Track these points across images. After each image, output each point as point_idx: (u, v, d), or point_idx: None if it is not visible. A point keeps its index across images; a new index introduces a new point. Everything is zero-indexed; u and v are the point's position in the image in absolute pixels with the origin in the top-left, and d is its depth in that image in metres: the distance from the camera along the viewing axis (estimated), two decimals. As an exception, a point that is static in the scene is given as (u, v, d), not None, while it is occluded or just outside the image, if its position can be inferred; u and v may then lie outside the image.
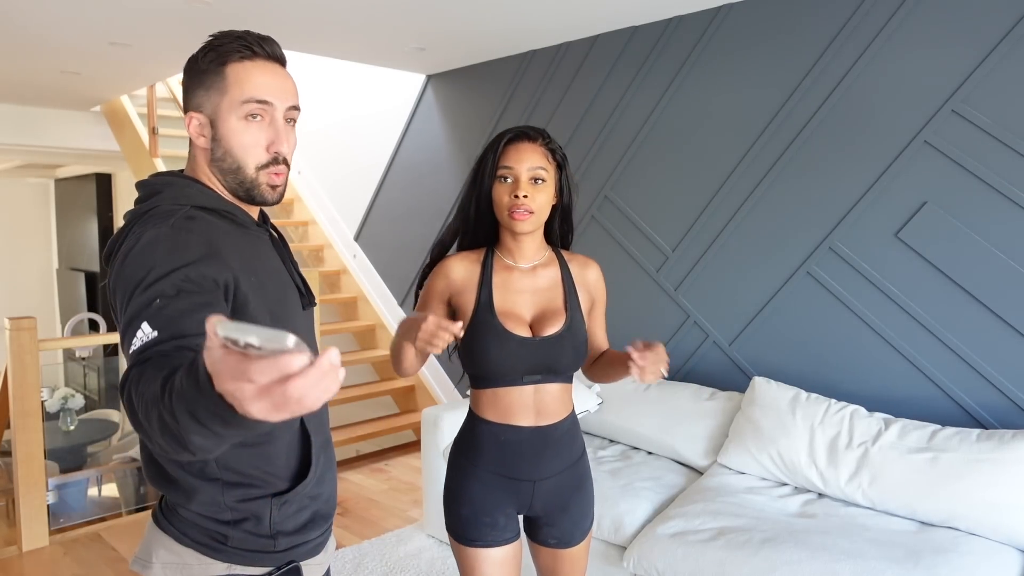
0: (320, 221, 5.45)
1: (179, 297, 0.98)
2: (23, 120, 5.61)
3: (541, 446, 1.53)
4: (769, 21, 2.93)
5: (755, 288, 3.03)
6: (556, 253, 1.62)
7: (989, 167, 2.43)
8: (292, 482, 1.18)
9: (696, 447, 2.83)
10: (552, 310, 1.55)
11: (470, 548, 1.54)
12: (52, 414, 4.55)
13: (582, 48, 3.62)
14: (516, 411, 1.52)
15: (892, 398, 2.67)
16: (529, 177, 1.49)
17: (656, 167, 3.36)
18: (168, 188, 1.12)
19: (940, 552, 2.04)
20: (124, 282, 1.01)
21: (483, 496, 1.54)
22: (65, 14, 3.16)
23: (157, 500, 1.22)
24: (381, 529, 3.35)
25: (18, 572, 3.01)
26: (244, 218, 1.17)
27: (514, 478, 1.53)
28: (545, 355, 1.51)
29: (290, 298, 1.21)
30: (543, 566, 1.65)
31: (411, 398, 4.86)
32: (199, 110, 1.13)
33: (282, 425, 1.15)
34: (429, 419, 3.13)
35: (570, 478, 1.58)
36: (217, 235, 1.10)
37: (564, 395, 1.57)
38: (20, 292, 9.23)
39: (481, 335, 1.50)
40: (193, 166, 1.18)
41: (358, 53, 3.92)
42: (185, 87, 1.16)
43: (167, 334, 0.94)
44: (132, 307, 0.98)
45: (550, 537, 1.61)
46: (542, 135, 1.53)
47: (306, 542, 1.21)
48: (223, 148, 1.13)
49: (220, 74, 1.11)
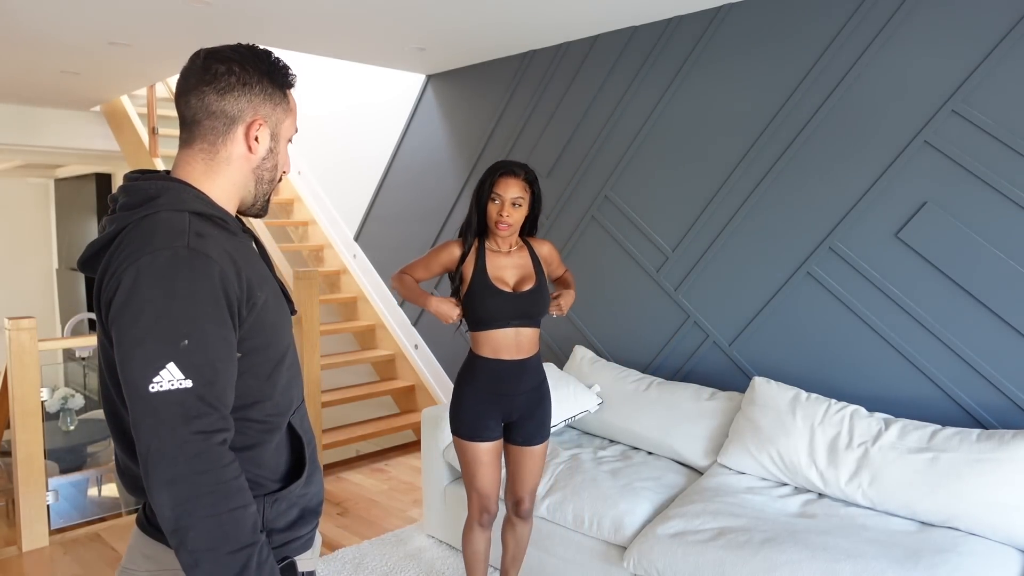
0: (320, 221, 5.45)
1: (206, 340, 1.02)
2: (23, 120, 5.61)
3: (519, 372, 2.26)
4: (769, 21, 2.93)
5: (755, 288, 3.03)
6: (525, 241, 2.36)
7: (989, 167, 2.43)
8: (283, 482, 1.19)
9: (696, 447, 2.83)
10: (526, 275, 2.27)
11: (470, 443, 2.26)
12: (52, 414, 4.55)
13: (582, 48, 3.62)
14: (503, 348, 2.25)
15: (892, 398, 2.68)
16: (511, 202, 2.20)
17: (656, 167, 3.36)
18: (165, 193, 1.10)
19: (940, 552, 2.04)
20: (139, 304, 1.00)
21: (480, 407, 2.26)
22: (65, 14, 3.16)
23: (140, 507, 1.21)
24: (381, 529, 3.35)
25: (18, 572, 3.01)
26: (234, 225, 1.17)
27: (501, 395, 2.26)
28: (523, 304, 2.23)
29: (282, 304, 1.22)
30: (511, 460, 2.37)
31: (411, 398, 4.86)
32: (266, 120, 1.17)
33: (271, 430, 1.17)
34: (429, 419, 3.13)
35: (536, 395, 2.33)
36: (228, 247, 1.10)
37: (535, 337, 2.30)
38: (20, 292, 9.23)
39: (480, 291, 2.21)
40: (189, 169, 1.15)
41: (358, 53, 3.92)
42: (244, 92, 1.14)
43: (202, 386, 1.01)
44: (152, 339, 0.99)
45: (519, 437, 2.33)
46: (524, 170, 2.23)
47: (297, 538, 1.22)
48: (273, 161, 1.21)
49: (285, 96, 1.20)
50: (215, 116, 1.14)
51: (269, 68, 1.16)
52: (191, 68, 1.15)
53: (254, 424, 1.14)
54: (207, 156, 1.15)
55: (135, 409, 1.00)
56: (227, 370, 1.05)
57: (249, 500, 1.04)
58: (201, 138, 1.15)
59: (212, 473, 1.00)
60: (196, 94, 1.13)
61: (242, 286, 1.09)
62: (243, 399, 1.11)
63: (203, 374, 1.01)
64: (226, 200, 1.17)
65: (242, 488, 1.03)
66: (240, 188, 1.18)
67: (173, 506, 0.98)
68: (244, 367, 1.11)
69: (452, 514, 3.05)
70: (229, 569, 0.99)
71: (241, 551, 1.01)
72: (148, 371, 0.99)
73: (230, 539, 1.00)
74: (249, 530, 1.02)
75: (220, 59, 1.13)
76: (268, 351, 1.15)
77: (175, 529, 0.98)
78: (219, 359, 1.04)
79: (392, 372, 4.98)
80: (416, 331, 4.77)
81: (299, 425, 1.23)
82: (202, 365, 1.01)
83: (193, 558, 0.99)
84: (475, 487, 2.31)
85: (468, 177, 4.28)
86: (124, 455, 1.15)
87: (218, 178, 1.16)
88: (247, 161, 1.17)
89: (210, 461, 1.00)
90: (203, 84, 1.13)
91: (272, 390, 1.16)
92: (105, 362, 1.11)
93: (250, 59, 1.15)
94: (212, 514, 0.99)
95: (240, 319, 1.09)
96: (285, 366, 1.19)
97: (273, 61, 1.17)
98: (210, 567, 0.99)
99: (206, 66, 1.13)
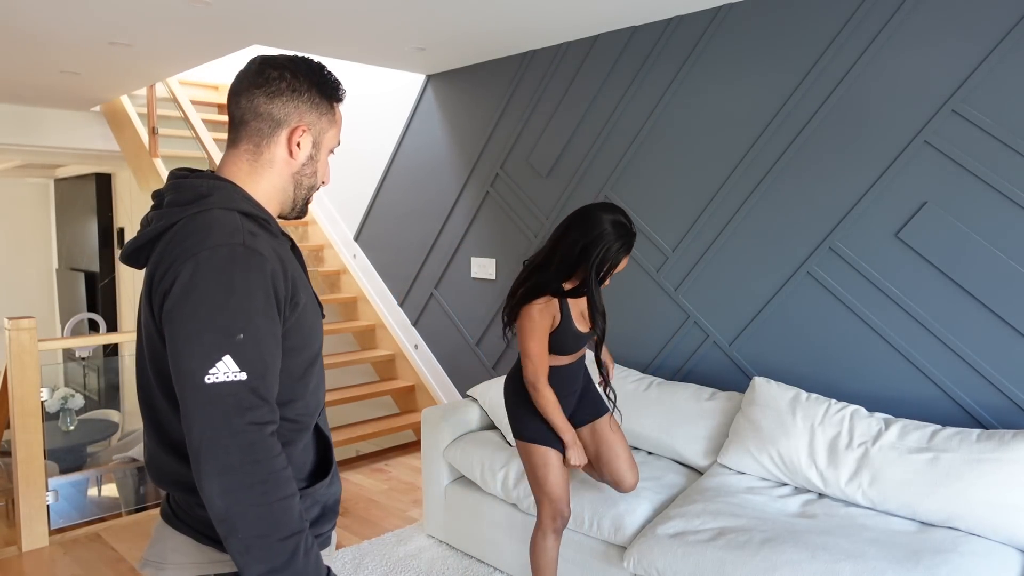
0: (320, 221, 5.46)
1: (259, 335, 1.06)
2: (23, 120, 5.61)
3: (577, 370, 2.42)
4: (769, 21, 2.93)
5: (755, 288, 3.03)
6: None
7: (989, 167, 2.43)
8: (308, 480, 1.23)
9: (696, 447, 2.83)
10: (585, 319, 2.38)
11: (543, 446, 2.30)
12: (52, 414, 4.55)
13: (582, 48, 3.62)
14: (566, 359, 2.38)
15: (892, 398, 2.68)
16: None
17: (656, 167, 3.36)
18: (217, 192, 1.14)
19: (940, 552, 2.04)
20: (199, 297, 1.04)
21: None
22: (65, 14, 3.17)
23: (164, 500, 1.23)
24: (381, 529, 3.35)
25: (18, 572, 3.01)
26: (276, 228, 1.20)
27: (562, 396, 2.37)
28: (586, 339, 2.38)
29: (316, 307, 1.25)
30: (589, 441, 2.48)
31: (411, 398, 4.86)
32: (310, 128, 1.21)
33: (301, 430, 1.20)
34: (429, 419, 3.13)
35: (583, 381, 2.49)
36: (274, 247, 1.14)
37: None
38: (20, 292, 9.23)
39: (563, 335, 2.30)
40: (235, 169, 1.19)
41: (358, 53, 3.92)
42: (292, 98, 1.18)
43: (255, 379, 1.05)
44: (210, 332, 1.03)
45: (585, 416, 2.47)
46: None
47: (319, 535, 1.25)
48: (314, 168, 1.24)
49: (331, 108, 1.24)
50: (262, 118, 1.18)
51: (320, 79, 1.21)
52: (246, 71, 1.20)
53: (286, 423, 1.17)
54: (252, 157, 1.20)
55: (189, 399, 1.02)
56: (276, 365, 1.09)
57: (295, 490, 1.07)
58: (247, 139, 1.19)
59: (265, 463, 1.03)
60: (247, 95, 1.18)
61: (287, 286, 1.13)
62: (278, 398, 1.14)
63: (256, 368, 1.05)
64: (267, 202, 1.21)
65: (290, 478, 1.07)
66: (280, 192, 1.23)
67: (224, 494, 1.01)
68: (281, 366, 1.14)
69: (452, 514, 3.06)
70: (280, 556, 1.03)
71: (291, 538, 1.04)
72: (205, 363, 1.02)
73: (280, 527, 1.03)
74: (297, 518, 1.06)
75: (274, 65, 1.19)
76: (304, 352, 1.18)
77: (225, 517, 1.01)
78: (269, 354, 1.08)
79: (392, 372, 4.98)
80: (416, 331, 4.77)
81: (323, 426, 1.28)
82: (255, 359, 1.05)
83: (244, 545, 1.02)
84: (546, 492, 2.30)
85: (468, 177, 4.28)
86: (156, 447, 1.17)
87: (261, 180, 1.20)
88: (288, 165, 1.21)
89: (263, 451, 1.04)
90: (254, 87, 1.18)
91: (304, 390, 1.19)
92: (151, 353, 1.13)
93: (303, 68, 1.20)
94: (264, 503, 1.02)
95: (284, 318, 1.12)
96: (316, 368, 1.23)
97: (325, 74, 1.22)
98: (262, 553, 1.02)
99: (260, 70, 1.18)
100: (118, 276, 8.71)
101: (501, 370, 4.20)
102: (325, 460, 1.27)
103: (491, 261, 4.19)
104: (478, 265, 4.27)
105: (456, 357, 4.50)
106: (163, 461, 1.15)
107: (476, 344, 4.34)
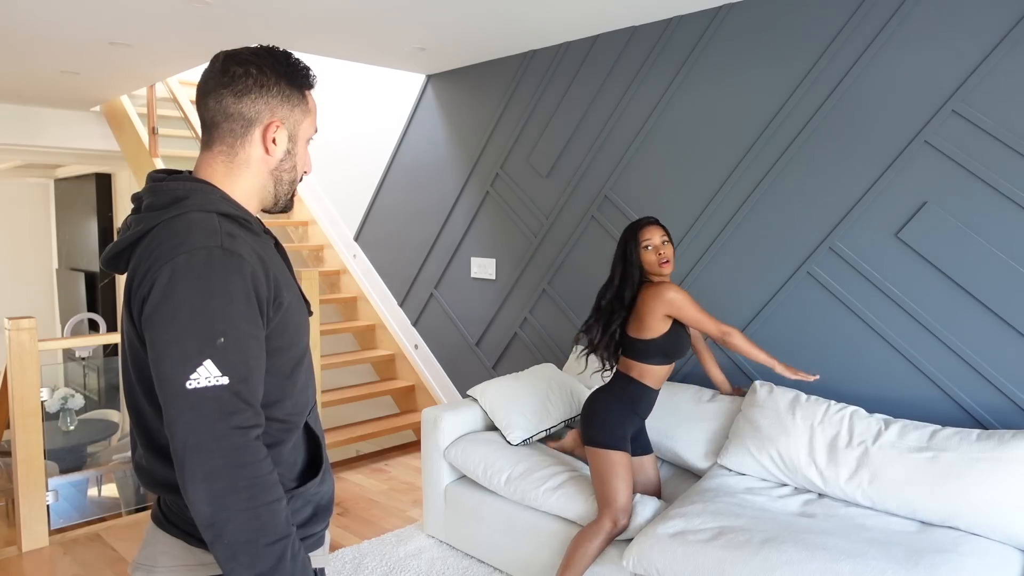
0: (320, 221, 5.45)
1: (241, 339, 1.05)
2: (23, 120, 5.61)
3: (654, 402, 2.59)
4: (769, 21, 2.93)
5: (755, 288, 3.03)
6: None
7: (989, 167, 2.43)
8: (299, 480, 1.21)
9: (697, 450, 2.83)
10: None
11: (619, 452, 2.45)
12: (52, 414, 4.55)
13: (582, 48, 3.62)
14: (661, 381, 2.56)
15: (892, 398, 2.68)
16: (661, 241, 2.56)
17: (656, 167, 3.36)
18: (194, 194, 1.11)
19: (940, 552, 2.04)
20: (177, 302, 1.02)
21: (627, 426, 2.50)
22: (65, 14, 3.17)
23: (155, 503, 1.22)
24: (381, 529, 3.35)
25: (18, 572, 3.01)
26: (257, 226, 1.18)
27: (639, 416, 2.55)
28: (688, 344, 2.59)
29: (302, 305, 1.23)
30: (637, 468, 2.67)
31: (411, 398, 4.86)
32: (284, 122, 1.18)
33: (290, 429, 1.19)
34: (429, 419, 3.13)
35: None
36: (255, 247, 1.12)
37: None
38: (20, 292, 9.23)
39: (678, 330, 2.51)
40: (210, 171, 1.17)
41: (358, 53, 3.92)
42: (261, 94, 1.15)
43: (238, 383, 1.03)
44: (189, 337, 1.01)
45: (637, 449, 2.67)
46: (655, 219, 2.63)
47: (311, 535, 1.24)
48: (292, 162, 1.22)
49: (303, 97, 1.20)
50: (233, 118, 1.15)
51: (287, 69, 1.17)
52: (211, 71, 1.16)
53: (275, 423, 1.15)
54: (227, 158, 1.17)
55: (171, 405, 1.01)
56: (259, 368, 1.08)
57: (282, 494, 1.06)
58: (220, 140, 1.16)
59: (250, 467, 1.02)
60: (215, 96, 1.15)
61: (270, 286, 1.11)
62: (265, 398, 1.13)
63: (238, 371, 1.03)
64: (247, 201, 1.19)
65: (276, 482, 1.06)
66: (260, 190, 1.20)
67: (210, 500, 1.00)
68: (267, 366, 1.12)
69: (452, 514, 3.06)
70: (266, 561, 1.02)
71: (277, 543, 1.03)
72: (186, 368, 1.01)
73: (267, 531, 1.02)
74: (283, 523, 1.05)
75: (238, 61, 1.15)
76: (291, 351, 1.17)
77: (211, 523, 1.00)
78: (252, 357, 1.06)
79: (392, 372, 4.98)
80: (416, 331, 4.77)
81: (314, 424, 1.26)
82: (237, 363, 1.03)
83: (231, 551, 1.01)
84: (616, 498, 2.41)
85: (468, 177, 4.28)
86: (144, 450, 1.16)
87: (239, 180, 1.18)
88: (265, 163, 1.19)
89: (247, 455, 1.02)
90: (221, 87, 1.14)
91: (292, 389, 1.18)
92: (132, 358, 1.12)
93: (268, 61, 1.16)
94: (250, 507, 1.01)
95: (267, 319, 1.10)
96: (304, 366, 1.21)
97: (292, 63, 1.18)
98: (248, 559, 1.01)
99: (224, 68, 1.15)
100: (118, 276, 8.71)
101: (501, 370, 4.20)
102: (316, 458, 1.25)
103: (491, 261, 4.19)
104: (478, 265, 4.27)
105: (456, 357, 4.50)
106: (151, 465, 1.14)
107: (476, 344, 4.34)
